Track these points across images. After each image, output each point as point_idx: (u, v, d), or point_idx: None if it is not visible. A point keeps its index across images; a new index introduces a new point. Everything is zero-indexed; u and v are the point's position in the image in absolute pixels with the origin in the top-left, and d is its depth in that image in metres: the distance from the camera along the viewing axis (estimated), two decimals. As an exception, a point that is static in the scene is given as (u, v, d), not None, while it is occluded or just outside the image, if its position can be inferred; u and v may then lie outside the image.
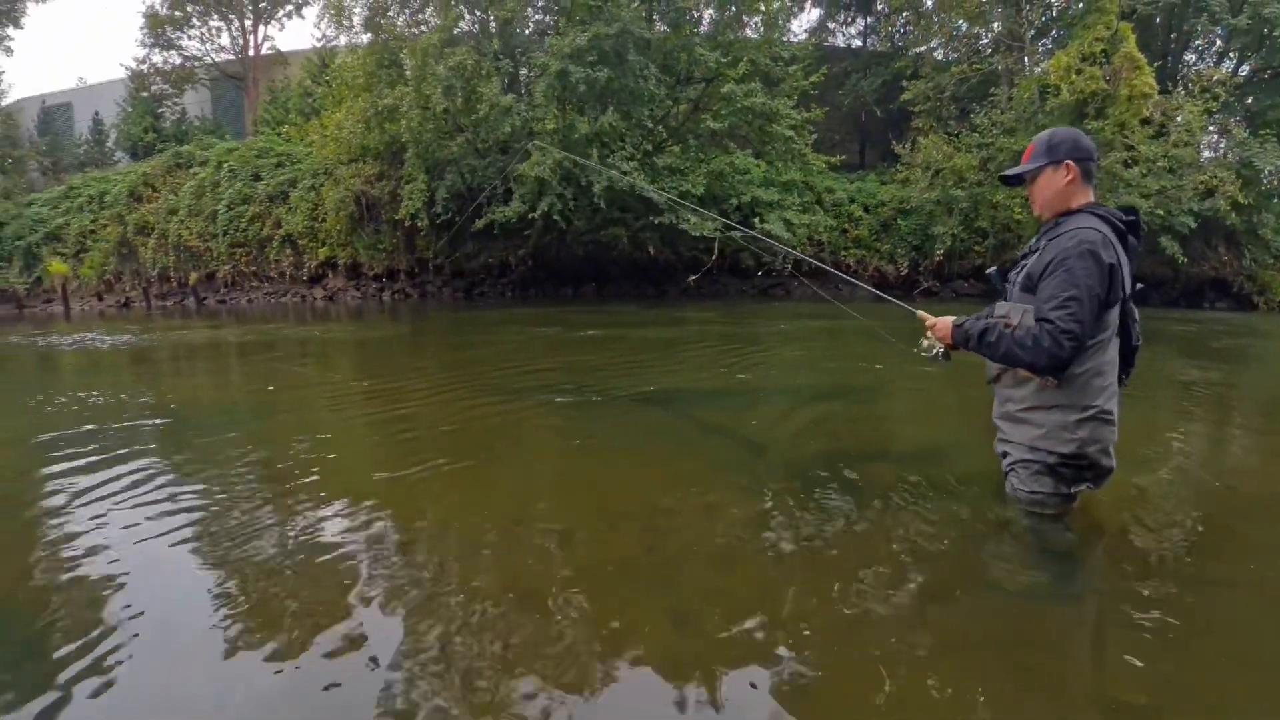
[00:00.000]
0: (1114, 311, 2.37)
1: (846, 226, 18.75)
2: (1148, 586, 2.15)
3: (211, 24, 27.77)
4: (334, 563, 2.34)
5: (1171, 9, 17.70)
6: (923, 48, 20.40)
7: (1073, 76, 15.19)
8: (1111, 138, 14.94)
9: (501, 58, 15.91)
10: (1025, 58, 17.97)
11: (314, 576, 2.26)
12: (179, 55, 27.72)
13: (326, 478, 3.29)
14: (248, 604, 2.09)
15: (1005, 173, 2.65)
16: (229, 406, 5.61)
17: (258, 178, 20.13)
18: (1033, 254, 2.48)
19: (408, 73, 15.61)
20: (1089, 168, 2.45)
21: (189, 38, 27.70)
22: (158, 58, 27.43)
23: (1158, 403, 5.06)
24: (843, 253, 18.29)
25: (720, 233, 14.94)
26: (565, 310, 14.29)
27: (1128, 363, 2.51)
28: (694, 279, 16.69)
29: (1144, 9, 16.95)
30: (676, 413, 4.84)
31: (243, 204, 19.97)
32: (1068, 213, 2.45)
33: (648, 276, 18.57)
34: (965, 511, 2.69)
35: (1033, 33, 18.10)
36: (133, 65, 27.33)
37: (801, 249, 16.32)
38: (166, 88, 27.60)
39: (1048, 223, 2.51)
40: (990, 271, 2.78)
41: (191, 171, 21.01)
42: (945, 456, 3.54)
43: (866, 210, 18.97)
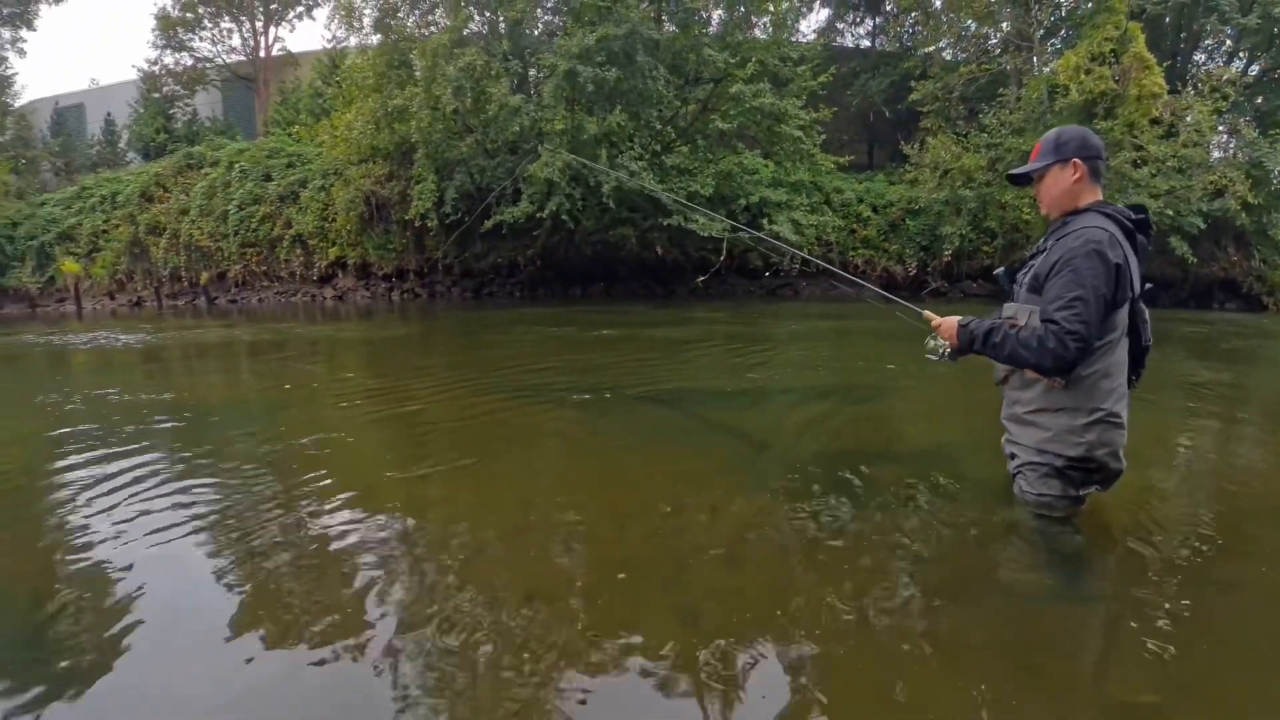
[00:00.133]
0: (1122, 312, 2.34)
1: (855, 227, 18.73)
2: (1156, 589, 2.14)
3: (222, 25, 28.10)
4: (343, 560, 2.36)
5: (1181, 9, 17.62)
6: (931, 48, 20.34)
7: (1082, 76, 15.14)
8: (1121, 138, 14.88)
9: (511, 58, 15.95)
10: (1034, 58, 17.89)
11: (322, 574, 2.28)
12: (190, 56, 28.05)
13: (337, 475, 3.32)
14: (256, 600, 2.10)
15: (1012, 171, 2.62)
16: (241, 404, 5.66)
17: (268, 178, 20.24)
18: (1040, 254, 2.45)
19: (417, 73, 15.70)
20: (1097, 166, 2.42)
21: (200, 39, 28.05)
22: (169, 59, 27.80)
23: (1167, 404, 5.04)
24: (851, 253, 18.28)
25: (728, 233, 14.96)
26: (574, 310, 14.30)
27: (1138, 364, 2.48)
28: (703, 280, 16.70)
29: (1153, 9, 16.87)
30: (685, 412, 4.86)
31: (253, 204, 20.09)
32: (1075, 212, 2.42)
33: (656, 276, 18.58)
34: (973, 513, 2.69)
35: (1042, 33, 18.02)
36: (144, 66, 27.71)
37: (810, 249, 16.32)
38: (178, 89, 27.87)
39: (1055, 222, 2.48)
40: (998, 272, 2.73)
41: (203, 172, 21.13)
42: (953, 457, 3.54)
43: (875, 210, 18.94)
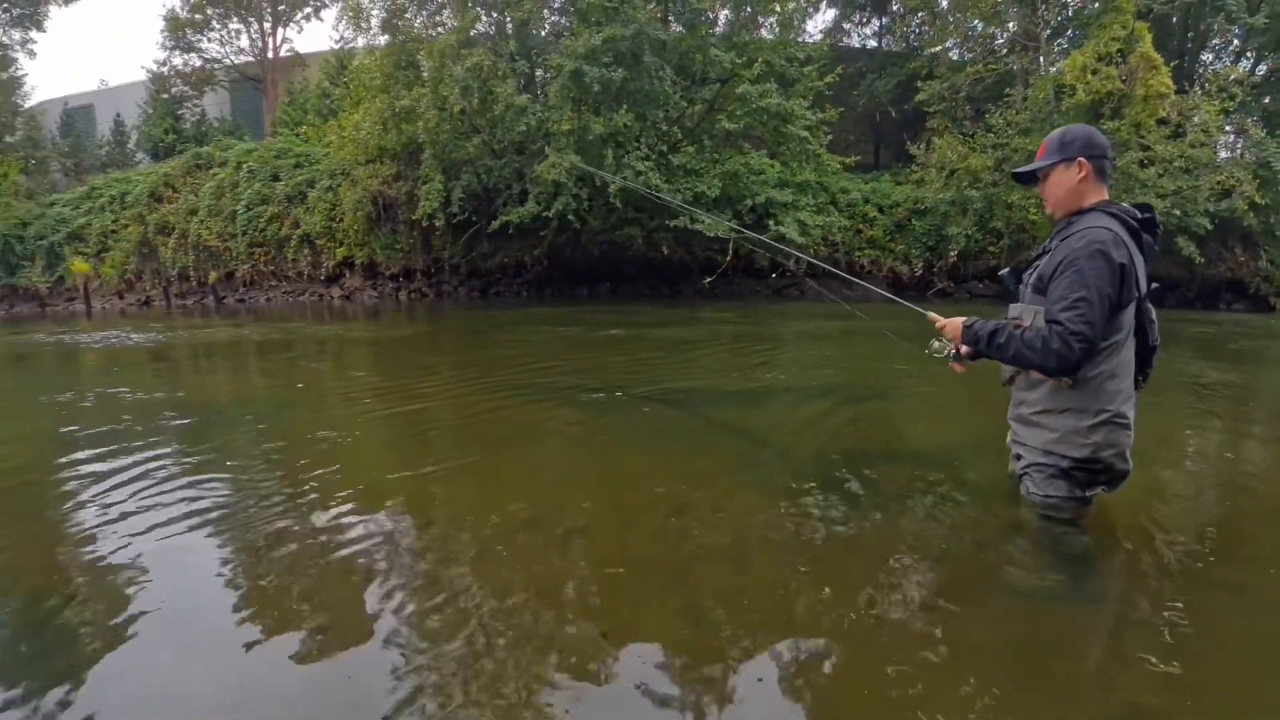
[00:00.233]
0: (1128, 312, 2.33)
1: (861, 227, 18.68)
2: (1162, 590, 2.14)
3: (231, 26, 28.18)
4: (350, 558, 2.38)
5: (1188, 8, 17.51)
6: (938, 48, 20.26)
7: (1088, 76, 15.07)
8: (1127, 138, 14.81)
9: (517, 59, 16.00)
10: (1040, 58, 17.82)
11: (329, 571, 2.30)
12: (199, 57, 28.16)
13: (344, 473, 3.36)
14: (259, 598, 2.12)
15: (1017, 169, 2.62)
16: (250, 402, 5.70)
17: (276, 178, 20.34)
18: (1046, 254, 2.45)
19: (425, 74, 15.72)
20: (1102, 165, 2.41)
21: (209, 40, 28.16)
22: (178, 60, 27.92)
23: (1174, 405, 5.03)
24: (857, 253, 18.23)
25: (734, 233, 14.97)
26: (580, 310, 14.32)
27: (1145, 364, 2.47)
28: (709, 280, 16.71)
29: (1160, 8, 16.78)
30: (690, 411, 4.88)
31: (261, 204, 20.19)
32: (1080, 211, 2.42)
33: (662, 276, 18.59)
34: (979, 513, 2.70)
35: (1048, 32, 17.94)
36: (153, 67, 27.84)
37: (816, 249, 16.30)
38: (186, 89, 27.99)
39: (1060, 222, 2.48)
40: (1004, 273, 2.73)
41: (211, 172, 21.25)
42: (959, 457, 3.54)
43: (881, 211, 18.88)
